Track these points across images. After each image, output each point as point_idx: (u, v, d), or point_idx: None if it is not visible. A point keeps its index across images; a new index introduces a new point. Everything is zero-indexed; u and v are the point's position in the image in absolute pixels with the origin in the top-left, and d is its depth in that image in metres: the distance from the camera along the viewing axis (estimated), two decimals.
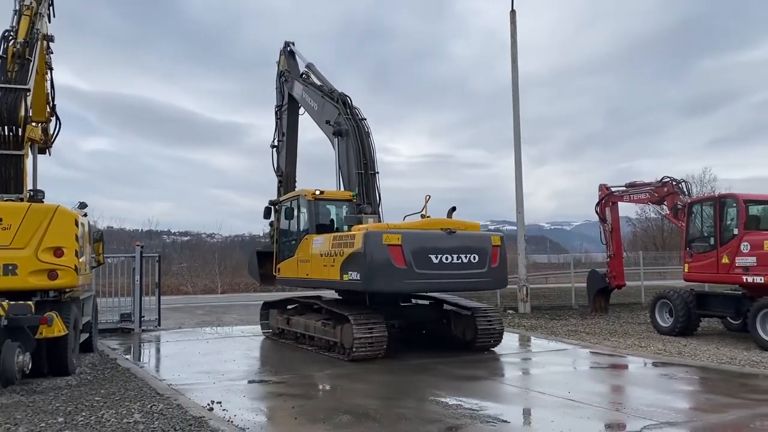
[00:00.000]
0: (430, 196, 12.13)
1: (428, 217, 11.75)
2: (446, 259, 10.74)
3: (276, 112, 17.15)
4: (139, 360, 11.59)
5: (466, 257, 10.91)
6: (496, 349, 11.99)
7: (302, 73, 16.18)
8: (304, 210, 12.71)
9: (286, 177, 16.66)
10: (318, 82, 15.33)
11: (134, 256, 15.46)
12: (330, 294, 13.34)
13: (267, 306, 14.76)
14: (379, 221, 12.04)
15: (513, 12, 20.15)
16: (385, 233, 10.43)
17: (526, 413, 7.62)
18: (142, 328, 15.30)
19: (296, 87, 15.93)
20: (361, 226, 11.01)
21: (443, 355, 11.39)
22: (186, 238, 65.79)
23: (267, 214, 14.41)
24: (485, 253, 11.15)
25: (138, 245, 15.83)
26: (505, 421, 6.89)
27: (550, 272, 43.71)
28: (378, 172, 13.13)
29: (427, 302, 12.89)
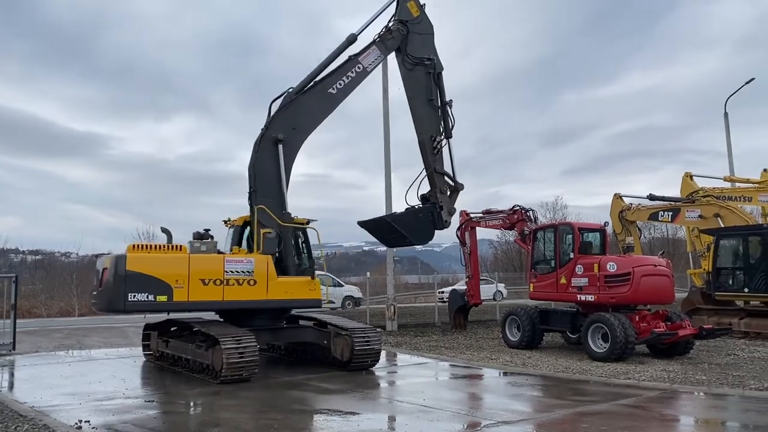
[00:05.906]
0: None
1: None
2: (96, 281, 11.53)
3: None
4: None
5: (96, 279, 11.65)
6: None
7: None
8: None
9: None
10: None
11: None
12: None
13: (148, 328, 14.08)
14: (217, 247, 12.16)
15: None
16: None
17: (385, 419, 8.40)
18: None
19: None
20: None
21: (316, 373, 11.84)
22: (37, 257, 61.02)
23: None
24: (97, 276, 11.57)
25: None
26: (366, 427, 7.61)
27: (419, 292, 45.83)
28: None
29: (310, 323, 12.89)
